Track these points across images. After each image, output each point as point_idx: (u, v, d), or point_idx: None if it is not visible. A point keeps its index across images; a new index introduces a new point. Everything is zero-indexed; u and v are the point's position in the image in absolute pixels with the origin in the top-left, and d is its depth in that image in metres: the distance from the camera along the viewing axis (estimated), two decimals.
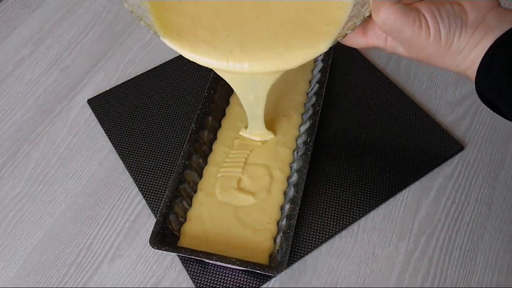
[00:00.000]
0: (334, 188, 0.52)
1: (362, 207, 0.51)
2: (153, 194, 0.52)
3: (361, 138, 0.56)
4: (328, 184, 0.52)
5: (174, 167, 0.53)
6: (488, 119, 0.57)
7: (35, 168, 0.55)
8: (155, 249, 0.44)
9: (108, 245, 0.50)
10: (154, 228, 0.45)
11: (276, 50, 0.39)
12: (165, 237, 0.45)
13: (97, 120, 0.58)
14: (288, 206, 0.47)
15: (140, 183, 0.53)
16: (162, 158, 0.55)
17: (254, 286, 0.46)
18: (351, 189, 0.52)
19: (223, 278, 0.46)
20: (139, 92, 0.61)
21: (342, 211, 0.50)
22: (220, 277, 0.46)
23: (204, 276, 0.46)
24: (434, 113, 0.58)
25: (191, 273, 0.47)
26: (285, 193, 0.50)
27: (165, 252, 0.47)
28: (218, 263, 0.45)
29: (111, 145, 0.56)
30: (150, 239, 0.44)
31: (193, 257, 0.44)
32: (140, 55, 0.65)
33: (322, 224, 0.50)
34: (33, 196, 0.53)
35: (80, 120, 0.59)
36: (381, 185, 0.52)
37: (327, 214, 0.50)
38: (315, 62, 0.59)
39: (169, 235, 0.46)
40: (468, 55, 0.36)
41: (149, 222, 0.51)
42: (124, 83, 0.62)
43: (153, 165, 0.54)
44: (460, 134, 0.56)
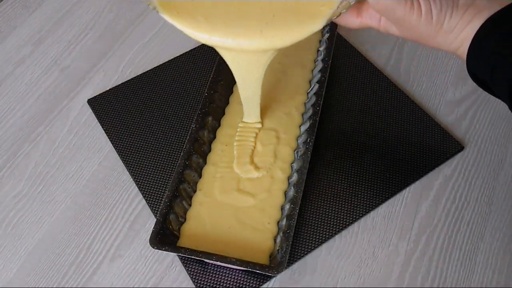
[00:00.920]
0: (334, 188, 0.52)
1: (362, 207, 0.51)
2: (153, 194, 0.52)
3: (361, 138, 0.56)
4: (328, 184, 0.52)
5: (174, 167, 0.53)
6: (488, 119, 0.57)
7: (35, 168, 0.55)
8: (155, 249, 0.44)
9: (108, 245, 0.50)
10: (154, 228, 0.45)
11: (272, 27, 0.40)
12: (165, 237, 0.45)
13: (97, 120, 0.58)
14: (288, 206, 0.47)
15: (140, 183, 0.53)
16: (162, 158, 0.55)
17: (254, 286, 0.46)
18: (351, 189, 0.52)
19: (223, 278, 0.46)
20: (139, 92, 0.61)
21: (342, 211, 0.50)
22: (220, 277, 0.46)
23: (204, 276, 0.46)
24: (434, 113, 0.58)
25: (191, 273, 0.47)
26: (285, 193, 0.50)
27: (165, 252, 0.47)
28: (218, 263, 0.45)
29: (111, 145, 0.56)
30: (150, 239, 0.44)
31: (193, 257, 0.44)
32: (140, 55, 0.65)
33: (322, 224, 0.50)
34: (33, 196, 0.53)
35: (80, 120, 0.59)
36: (381, 185, 0.52)
37: (327, 214, 0.50)
38: (315, 62, 0.59)
39: (169, 235, 0.46)
40: (458, 35, 0.37)
41: (149, 222, 0.51)
42: (124, 83, 0.62)
43: (153, 165, 0.54)
44: (460, 134, 0.56)
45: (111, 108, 0.59)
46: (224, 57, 0.45)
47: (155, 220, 0.47)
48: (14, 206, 0.52)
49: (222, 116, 0.56)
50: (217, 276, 0.46)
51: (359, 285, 0.47)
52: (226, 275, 0.46)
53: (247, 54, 0.43)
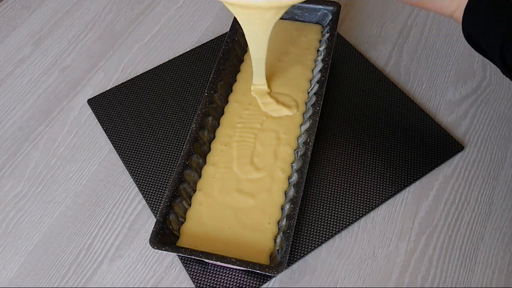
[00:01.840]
0: (334, 188, 0.52)
1: (362, 207, 0.51)
2: (153, 194, 0.52)
3: (361, 138, 0.56)
4: (328, 184, 0.52)
5: (174, 167, 0.53)
6: (488, 119, 0.57)
7: (35, 168, 0.55)
8: (155, 249, 0.44)
9: (108, 245, 0.50)
10: (154, 228, 0.45)
11: None
12: (165, 237, 0.45)
13: (97, 120, 0.58)
14: (288, 206, 0.47)
15: (140, 183, 0.53)
16: (162, 158, 0.55)
17: (254, 286, 0.46)
18: (351, 189, 0.52)
19: (223, 278, 0.46)
20: (139, 92, 0.61)
21: (342, 211, 0.50)
22: (220, 277, 0.46)
23: (204, 276, 0.46)
24: (434, 113, 0.58)
25: (191, 273, 0.47)
26: (285, 193, 0.50)
27: (165, 252, 0.47)
28: (218, 263, 0.45)
29: (111, 145, 0.56)
30: (150, 239, 0.44)
31: (193, 257, 0.44)
32: (140, 55, 0.65)
33: (322, 224, 0.50)
34: (33, 196, 0.53)
35: (80, 120, 0.59)
36: (381, 185, 0.52)
37: (327, 214, 0.50)
38: (315, 62, 0.59)
39: (169, 235, 0.46)
40: None
41: (149, 222, 0.51)
42: (124, 83, 0.62)
43: (153, 165, 0.54)
44: (460, 134, 0.56)
45: (111, 108, 0.59)
46: (236, 15, 0.48)
47: (155, 220, 0.47)
48: (14, 206, 0.52)
49: (222, 116, 0.56)
50: (217, 276, 0.46)
51: (359, 285, 0.47)
52: (226, 275, 0.46)
53: (254, 11, 0.47)
